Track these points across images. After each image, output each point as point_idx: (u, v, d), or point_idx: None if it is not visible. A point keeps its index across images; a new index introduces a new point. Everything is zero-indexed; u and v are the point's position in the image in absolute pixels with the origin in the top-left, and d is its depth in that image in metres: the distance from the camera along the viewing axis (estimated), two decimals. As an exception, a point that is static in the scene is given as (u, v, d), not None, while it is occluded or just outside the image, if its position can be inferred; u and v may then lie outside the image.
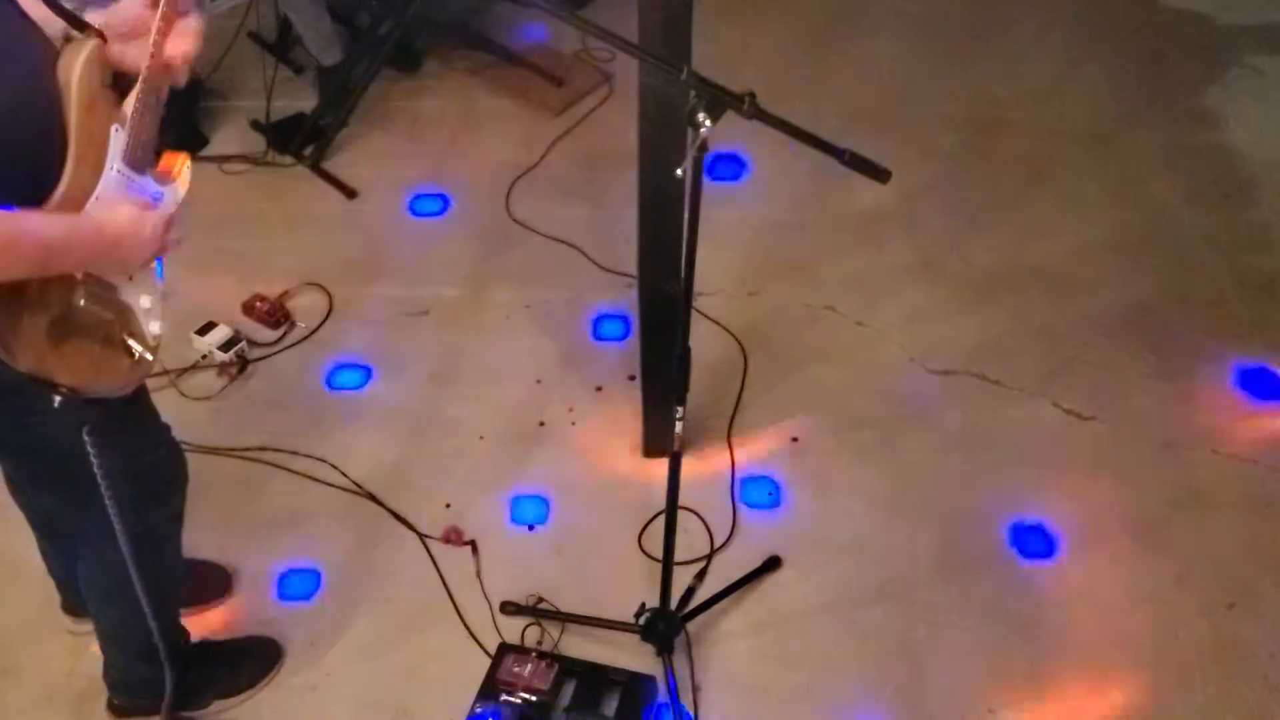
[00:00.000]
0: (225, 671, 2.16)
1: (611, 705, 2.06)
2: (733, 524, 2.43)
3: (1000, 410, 2.65)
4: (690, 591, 2.27)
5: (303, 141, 3.41)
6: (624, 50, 1.54)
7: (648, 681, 2.11)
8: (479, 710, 2.04)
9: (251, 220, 3.21)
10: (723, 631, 2.25)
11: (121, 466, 1.59)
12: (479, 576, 2.35)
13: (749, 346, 2.81)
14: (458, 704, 2.08)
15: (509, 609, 2.28)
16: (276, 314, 2.88)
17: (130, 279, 1.51)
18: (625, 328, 2.86)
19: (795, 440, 2.60)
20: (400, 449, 2.61)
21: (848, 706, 2.14)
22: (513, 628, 2.25)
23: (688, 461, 2.19)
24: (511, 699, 2.04)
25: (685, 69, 1.48)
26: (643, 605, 2.18)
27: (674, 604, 2.15)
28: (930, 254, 3.05)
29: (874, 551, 2.38)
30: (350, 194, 3.29)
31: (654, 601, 2.14)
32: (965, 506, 2.46)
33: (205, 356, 2.78)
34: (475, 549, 2.39)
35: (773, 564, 2.35)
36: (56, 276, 1.38)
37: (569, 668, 2.10)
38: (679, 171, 1.53)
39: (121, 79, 1.45)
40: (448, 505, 2.49)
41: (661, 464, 2.00)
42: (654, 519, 2.42)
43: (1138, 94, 3.54)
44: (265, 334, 2.88)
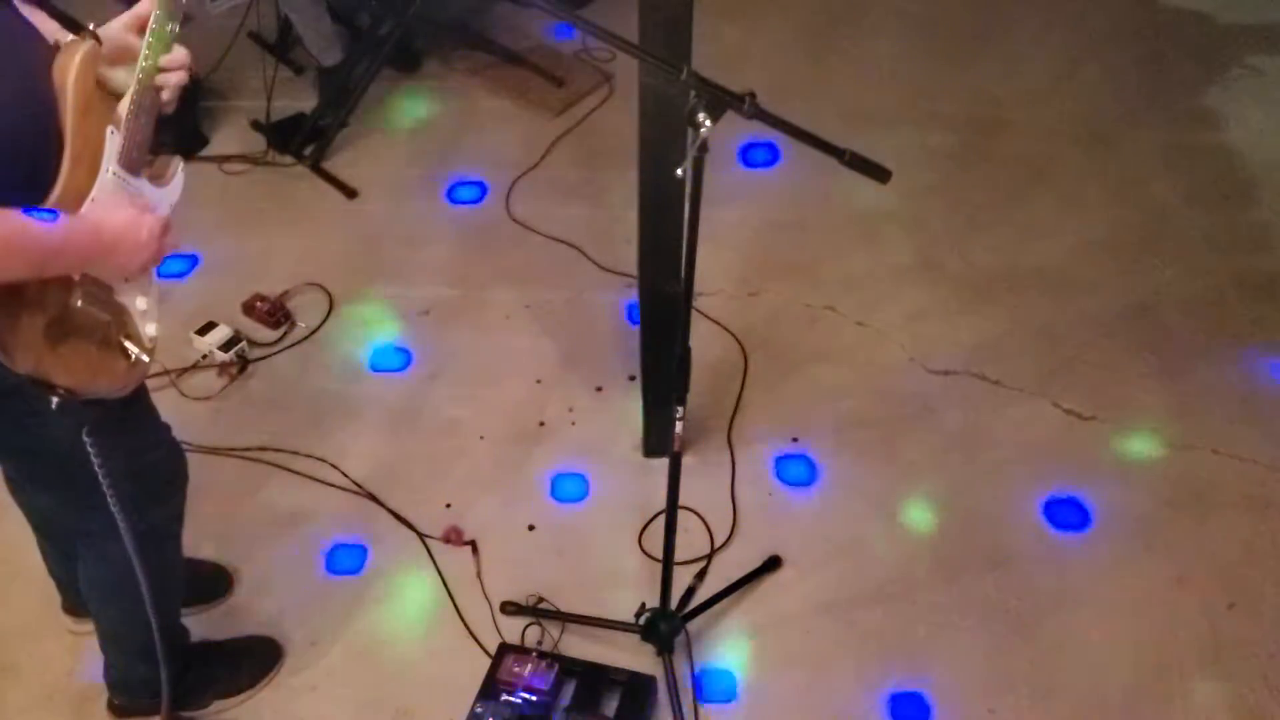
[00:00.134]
0: (225, 671, 2.16)
1: (611, 705, 2.06)
2: (733, 524, 2.43)
3: (1000, 410, 2.65)
4: (690, 591, 2.27)
5: (303, 141, 3.41)
6: (624, 50, 1.54)
7: (648, 681, 2.11)
8: (479, 710, 2.04)
9: (251, 220, 3.21)
10: (723, 631, 2.25)
11: (121, 466, 1.59)
12: (479, 576, 2.35)
13: (749, 346, 2.81)
14: (458, 704, 2.08)
15: (509, 609, 2.28)
16: (277, 314, 2.89)
17: (126, 281, 1.51)
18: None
19: (795, 440, 2.60)
20: (400, 449, 2.61)
21: (848, 706, 2.14)
22: (513, 628, 2.25)
23: (688, 461, 2.19)
24: (511, 699, 2.04)
25: (685, 69, 1.48)
26: (643, 605, 2.18)
27: (674, 604, 2.15)
28: (930, 254, 3.05)
29: (874, 551, 2.38)
30: (350, 194, 3.29)
31: (654, 601, 2.14)
32: (965, 506, 2.46)
33: (205, 356, 2.78)
34: (475, 549, 2.39)
35: (773, 564, 2.35)
36: (54, 278, 1.38)
37: (569, 668, 2.11)
38: (679, 171, 1.53)
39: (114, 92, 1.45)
40: (448, 505, 2.49)
41: (661, 464, 2.00)
42: (654, 519, 2.42)
43: (1138, 94, 3.54)
44: (265, 334, 2.88)
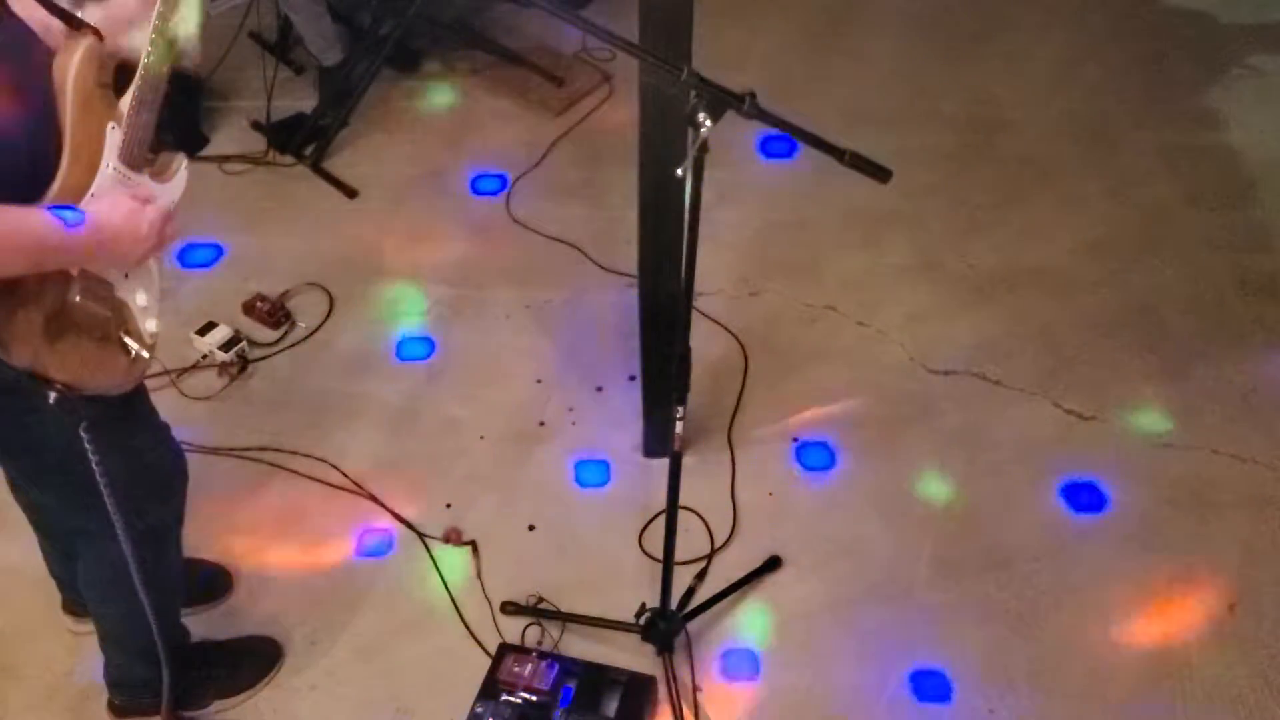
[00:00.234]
0: (225, 671, 2.16)
1: (611, 705, 2.06)
2: (733, 524, 2.43)
3: (1000, 410, 2.65)
4: (690, 591, 2.27)
5: (303, 141, 3.40)
6: (624, 50, 1.54)
7: (648, 681, 2.11)
8: (479, 710, 2.04)
9: (251, 220, 3.21)
10: (723, 631, 2.25)
11: (121, 466, 1.59)
12: (479, 576, 2.35)
13: (749, 346, 2.81)
14: (458, 704, 2.08)
15: (509, 609, 2.28)
16: (277, 314, 2.88)
17: (126, 276, 1.52)
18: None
19: (795, 440, 2.60)
20: (400, 449, 2.61)
21: (848, 706, 2.14)
22: (513, 628, 2.25)
23: (688, 461, 2.19)
24: (511, 699, 2.04)
25: (685, 69, 1.48)
26: (643, 605, 2.18)
27: (674, 604, 2.15)
28: (930, 254, 3.05)
29: (874, 551, 2.38)
30: (350, 194, 3.29)
31: (654, 601, 2.13)
32: (966, 506, 2.46)
33: (205, 356, 2.78)
34: (475, 549, 2.39)
35: (773, 564, 2.35)
36: (52, 272, 1.39)
37: (569, 668, 2.10)
38: (679, 171, 1.53)
39: (123, 77, 1.45)
40: (448, 505, 2.49)
41: (661, 464, 2.00)
42: (654, 519, 2.42)
43: (1138, 94, 3.54)
44: (265, 334, 2.88)
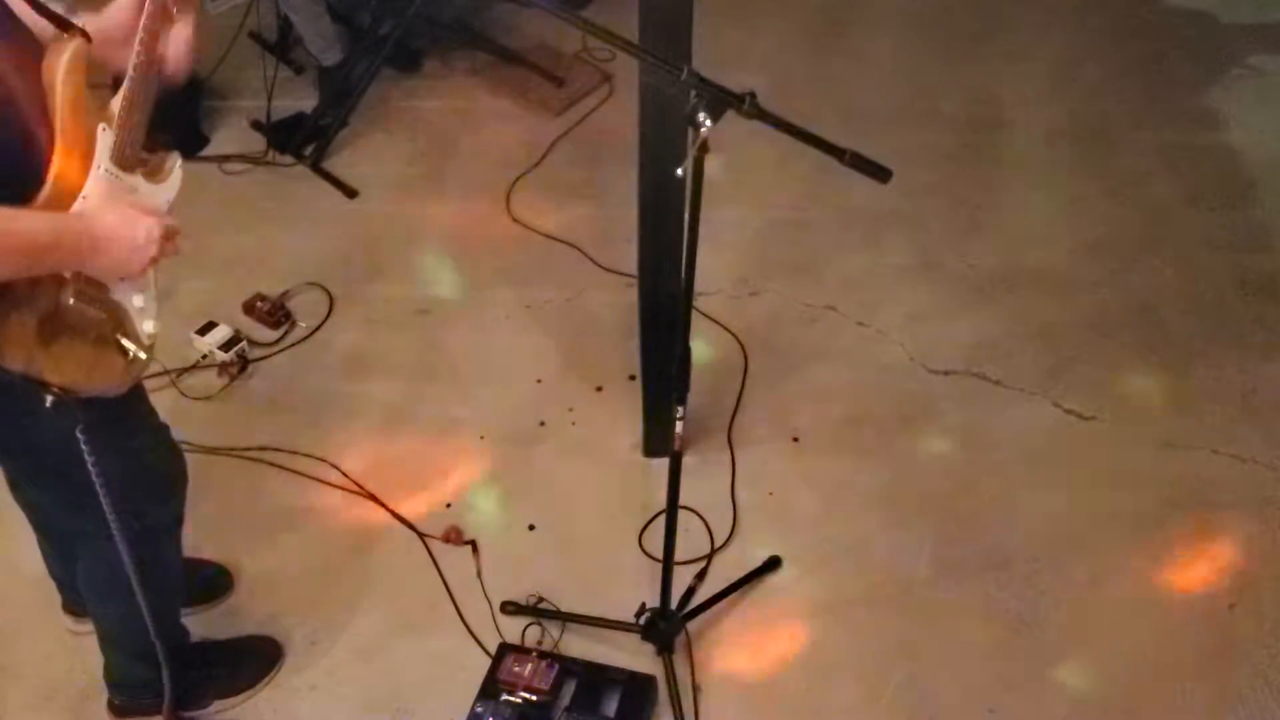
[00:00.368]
0: (225, 671, 2.16)
1: (611, 705, 2.06)
2: (733, 524, 2.43)
3: (1000, 410, 2.65)
4: (690, 591, 2.27)
5: (303, 141, 3.41)
6: (624, 50, 1.54)
7: (648, 681, 2.11)
8: (479, 710, 2.04)
9: (251, 220, 3.21)
10: (723, 631, 2.25)
11: (119, 467, 1.59)
12: (479, 576, 2.35)
13: (749, 346, 2.81)
14: (458, 704, 2.08)
15: (509, 609, 2.28)
16: (277, 314, 2.89)
17: (123, 280, 1.51)
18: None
19: (795, 440, 2.60)
20: (400, 449, 2.61)
21: (848, 706, 2.14)
22: (513, 628, 2.25)
23: (688, 461, 2.19)
24: (511, 699, 2.04)
25: (685, 69, 1.48)
26: (643, 605, 2.18)
27: (674, 604, 2.15)
28: (930, 254, 3.05)
29: (874, 551, 2.38)
30: (350, 194, 3.29)
31: (654, 601, 2.13)
32: (966, 506, 2.46)
33: (205, 356, 2.78)
34: (475, 549, 2.39)
35: (773, 564, 2.35)
36: (45, 275, 1.38)
37: (569, 668, 2.10)
38: (679, 171, 1.52)
39: (120, 78, 1.45)
40: (448, 505, 2.49)
41: (661, 464, 2.00)
42: (654, 519, 2.42)
43: (1138, 94, 3.54)
44: (265, 334, 2.88)
